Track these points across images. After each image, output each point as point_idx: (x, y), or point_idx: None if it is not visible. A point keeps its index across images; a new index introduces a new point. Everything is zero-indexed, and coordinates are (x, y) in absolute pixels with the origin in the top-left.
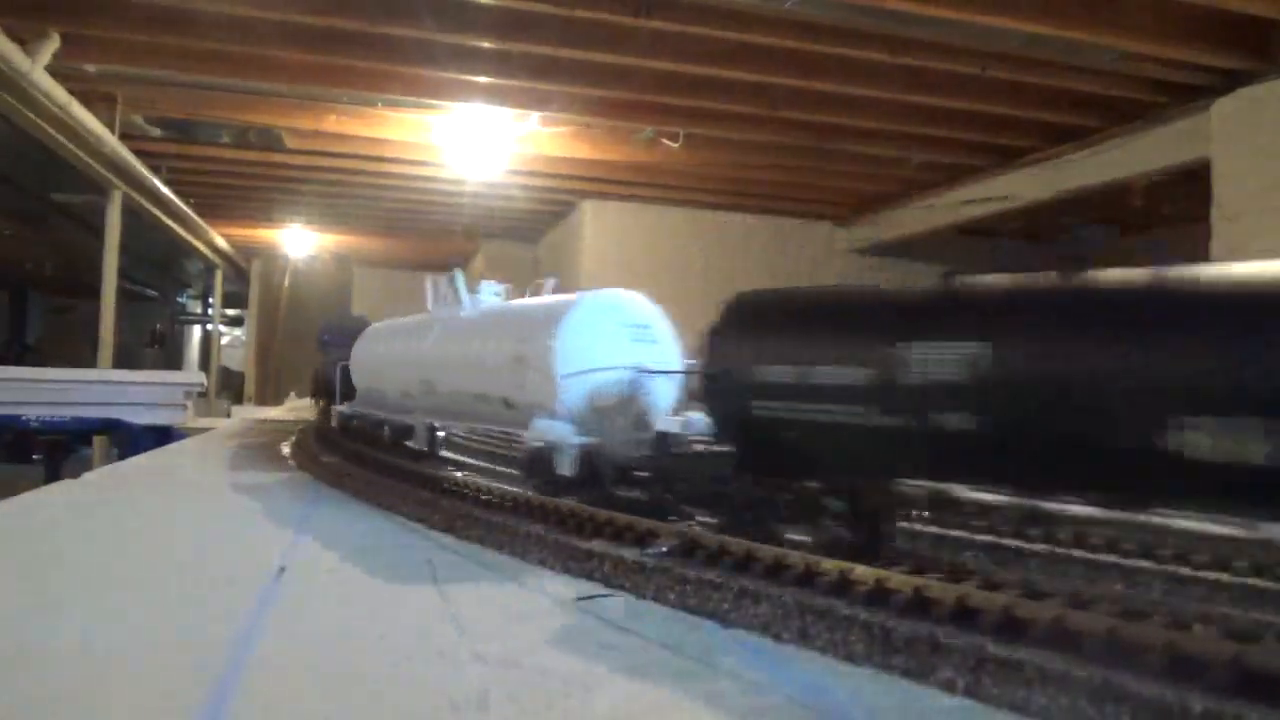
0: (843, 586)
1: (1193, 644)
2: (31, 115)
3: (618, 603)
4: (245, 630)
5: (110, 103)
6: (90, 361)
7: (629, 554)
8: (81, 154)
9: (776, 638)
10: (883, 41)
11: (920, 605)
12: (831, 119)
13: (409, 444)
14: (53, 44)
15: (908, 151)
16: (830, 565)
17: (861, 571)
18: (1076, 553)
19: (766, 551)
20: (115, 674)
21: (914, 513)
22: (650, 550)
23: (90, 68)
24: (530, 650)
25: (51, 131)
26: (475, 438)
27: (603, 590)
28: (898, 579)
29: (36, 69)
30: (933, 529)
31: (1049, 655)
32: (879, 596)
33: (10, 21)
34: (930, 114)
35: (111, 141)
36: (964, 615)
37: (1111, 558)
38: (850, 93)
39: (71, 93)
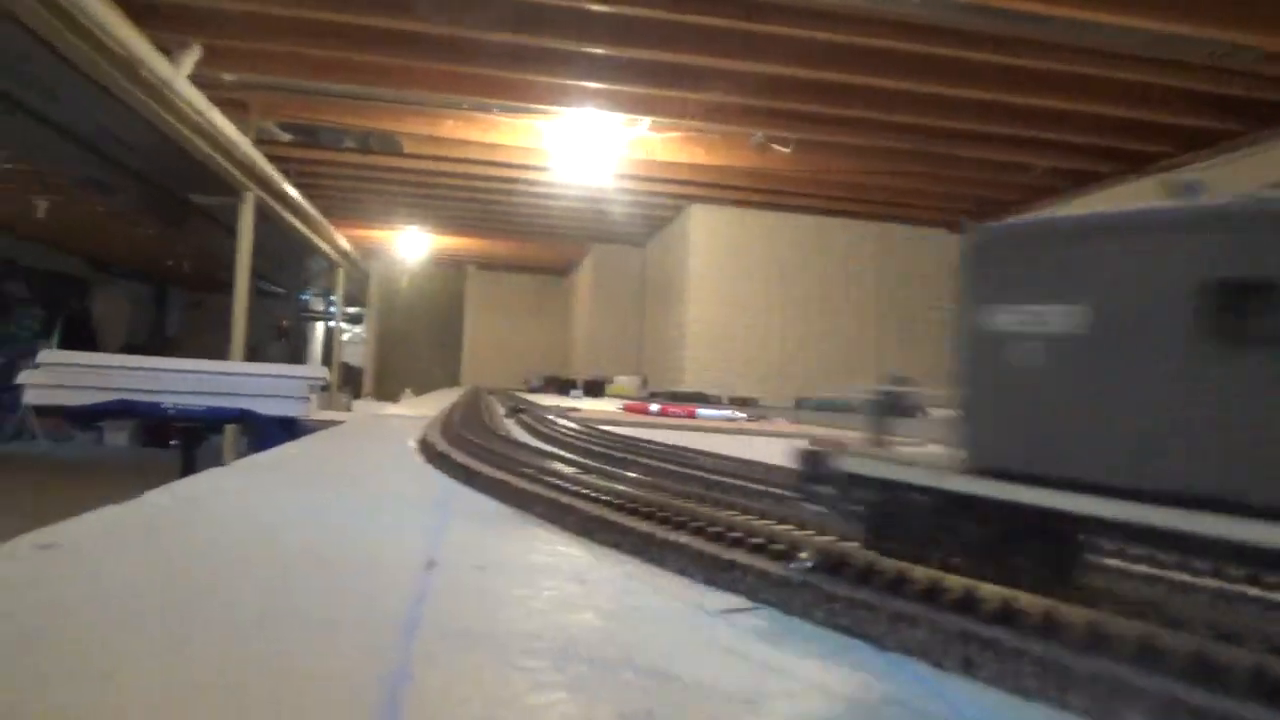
0: None
1: None
2: (174, 121)
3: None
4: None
5: (243, 109)
6: (222, 353)
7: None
8: (219, 158)
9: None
10: (998, 43)
11: None
12: (948, 123)
13: None
14: (194, 54)
15: (1026, 156)
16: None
17: None
18: None
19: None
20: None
21: None
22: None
23: (228, 76)
24: None
25: (192, 137)
26: None
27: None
28: None
29: (180, 78)
30: None
31: None
32: None
33: (157, 33)
34: (1051, 117)
35: (246, 146)
36: None
37: None
38: (967, 96)
39: (210, 100)
